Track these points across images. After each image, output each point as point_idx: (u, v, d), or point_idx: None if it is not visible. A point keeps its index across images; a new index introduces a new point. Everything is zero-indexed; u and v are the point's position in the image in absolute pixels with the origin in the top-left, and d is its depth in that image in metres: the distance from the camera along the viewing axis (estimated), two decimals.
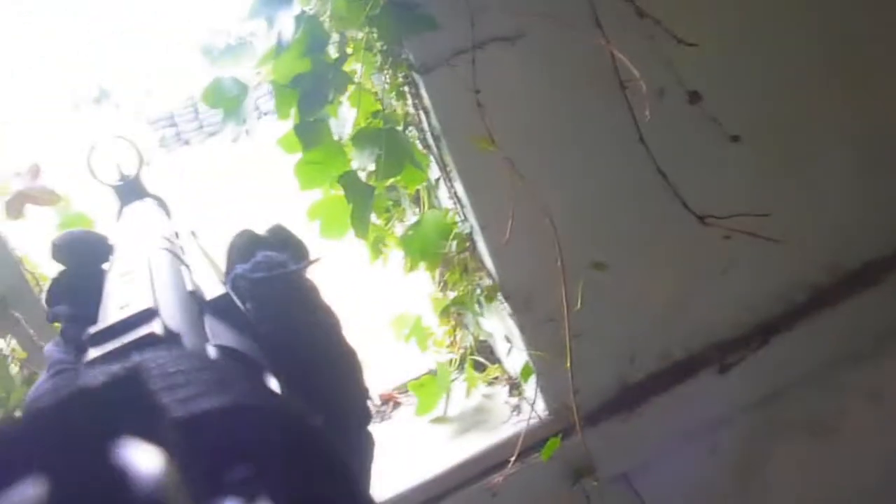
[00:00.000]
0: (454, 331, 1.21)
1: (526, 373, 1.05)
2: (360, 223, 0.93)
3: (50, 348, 0.40)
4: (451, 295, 1.10)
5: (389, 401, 1.28)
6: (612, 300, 1.11)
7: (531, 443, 1.09)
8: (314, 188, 1.01)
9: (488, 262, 1.05)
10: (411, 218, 1.12)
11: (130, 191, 0.58)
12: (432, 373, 1.17)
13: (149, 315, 0.30)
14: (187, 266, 0.42)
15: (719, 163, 1.10)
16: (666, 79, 1.03)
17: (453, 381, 1.20)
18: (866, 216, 1.21)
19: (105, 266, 0.44)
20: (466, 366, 1.20)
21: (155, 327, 0.28)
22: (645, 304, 1.12)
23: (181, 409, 0.21)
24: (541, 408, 1.12)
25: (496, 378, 1.24)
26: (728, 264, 1.14)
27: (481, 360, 1.22)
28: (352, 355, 0.45)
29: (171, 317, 0.31)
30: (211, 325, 0.33)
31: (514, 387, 1.19)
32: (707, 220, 1.03)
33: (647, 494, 1.17)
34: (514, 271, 1.05)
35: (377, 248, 1.19)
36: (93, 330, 0.29)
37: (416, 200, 1.14)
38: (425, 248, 1.06)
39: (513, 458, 1.05)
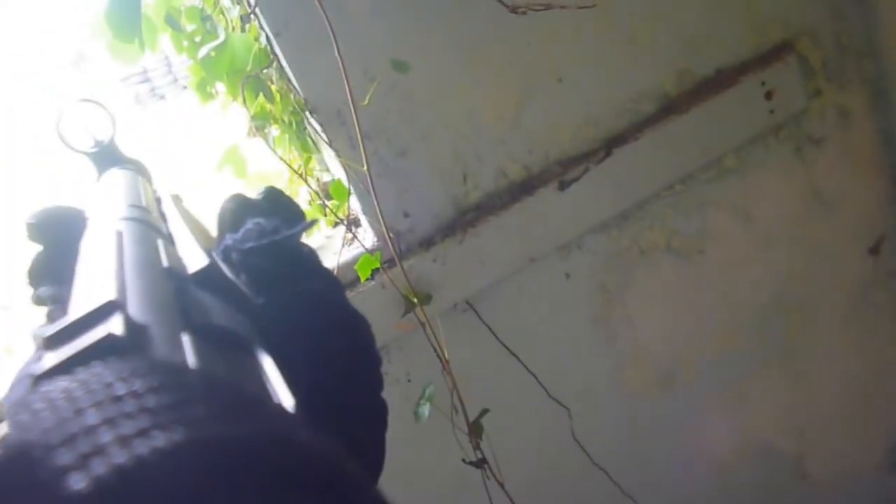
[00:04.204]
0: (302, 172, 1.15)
1: (338, 191, 0.99)
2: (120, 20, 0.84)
3: (37, 333, 0.37)
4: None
5: None
6: (437, 115, 1.04)
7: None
8: None
9: (291, 75, 0.99)
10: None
11: (106, 157, 0.55)
12: None
13: (110, 309, 0.25)
14: (166, 237, 0.38)
15: None
16: None
17: None
18: (717, 19, 1.14)
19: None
20: (309, 205, 1.14)
21: (114, 326, 0.24)
22: (474, 118, 1.06)
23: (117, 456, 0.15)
24: (371, 236, 1.07)
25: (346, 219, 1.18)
26: (561, 72, 1.07)
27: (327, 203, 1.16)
28: (356, 320, 0.43)
29: (139, 306, 0.26)
30: (195, 302, 0.29)
31: (356, 223, 1.14)
32: (518, 11, 0.95)
33: (495, 323, 1.12)
34: (319, 82, 0.98)
35: (205, 90, 1.12)
36: (49, 330, 0.24)
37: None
38: (233, 69, 0.99)
39: None
